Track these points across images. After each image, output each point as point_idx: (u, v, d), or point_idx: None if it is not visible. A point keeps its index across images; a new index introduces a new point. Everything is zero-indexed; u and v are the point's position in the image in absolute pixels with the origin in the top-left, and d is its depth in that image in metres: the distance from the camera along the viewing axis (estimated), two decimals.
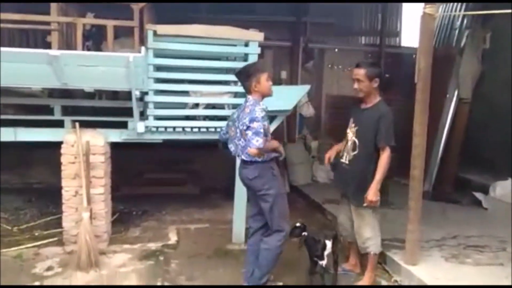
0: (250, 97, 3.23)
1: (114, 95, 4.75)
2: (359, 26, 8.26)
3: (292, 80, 7.44)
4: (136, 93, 3.66)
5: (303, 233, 3.37)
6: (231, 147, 3.36)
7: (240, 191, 4.10)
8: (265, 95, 3.24)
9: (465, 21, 6.77)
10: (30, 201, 5.71)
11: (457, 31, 6.82)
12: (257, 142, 2.98)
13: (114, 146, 4.38)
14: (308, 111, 7.47)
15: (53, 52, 3.33)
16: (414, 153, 3.58)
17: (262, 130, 3.01)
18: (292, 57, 7.59)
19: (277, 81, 7.21)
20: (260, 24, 4.48)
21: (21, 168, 6.57)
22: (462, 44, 6.53)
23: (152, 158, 6.61)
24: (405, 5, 8.31)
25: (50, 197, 5.35)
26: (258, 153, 3.03)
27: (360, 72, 3.36)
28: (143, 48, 3.48)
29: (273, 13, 7.33)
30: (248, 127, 3.04)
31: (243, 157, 3.18)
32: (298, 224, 3.41)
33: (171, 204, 5.79)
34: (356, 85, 3.40)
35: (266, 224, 3.32)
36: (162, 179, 6.59)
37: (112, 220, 4.69)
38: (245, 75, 3.22)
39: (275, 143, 3.28)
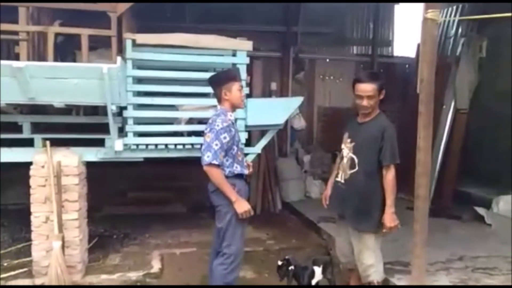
0: (219, 106, 3.03)
1: (93, 110, 4.40)
2: (350, 36, 8.03)
3: (282, 92, 7.19)
4: (112, 108, 3.32)
5: (290, 268, 3.05)
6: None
7: None
8: (235, 106, 3.05)
9: (460, 29, 6.59)
10: (3, 226, 5.28)
11: (452, 40, 6.62)
12: (208, 157, 2.80)
13: (95, 163, 4.01)
14: (300, 123, 7.21)
15: (17, 63, 2.98)
16: (419, 170, 3.25)
17: (216, 145, 2.81)
18: (282, 68, 7.34)
19: (267, 93, 6.98)
20: (249, 34, 4.22)
21: None
22: (458, 53, 6.35)
23: (136, 175, 6.23)
24: (397, 14, 8.13)
25: (25, 220, 4.89)
26: (208, 172, 2.83)
27: (370, 88, 3.01)
28: (119, 58, 3.15)
29: (262, 23, 7.07)
30: (205, 140, 2.88)
31: None
32: (280, 263, 3.14)
33: (156, 225, 5.43)
34: (365, 103, 3.03)
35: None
36: (147, 197, 6.22)
37: (90, 246, 4.32)
38: (216, 82, 3.02)
39: (233, 193, 2.88)
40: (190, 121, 3.89)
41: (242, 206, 2.89)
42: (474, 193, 6.25)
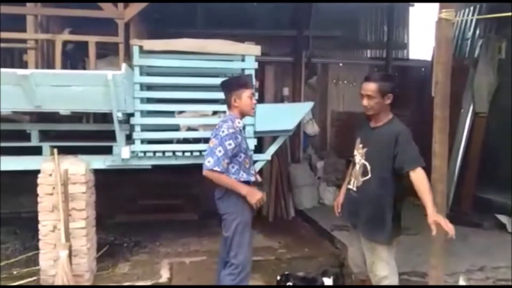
0: (228, 112, 3.00)
1: (104, 117, 4.38)
2: (364, 39, 7.88)
3: (294, 97, 7.06)
4: (118, 115, 3.27)
5: (288, 284, 2.96)
6: None
7: None
8: (244, 113, 3.00)
9: (477, 30, 6.38)
10: (15, 233, 5.30)
11: (469, 41, 6.42)
12: (209, 163, 2.76)
13: (107, 171, 3.99)
14: (313, 129, 7.08)
15: (21, 71, 2.96)
16: (434, 177, 3.11)
17: (220, 151, 2.77)
18: (294, 73, 7.22)
19: (279, 99, 6.89)
20: (260, 39, 4.16)
21: (9, 195, 6.17)
22: (476, 54, 6.15)
23: (148, 183, 6.21)
24: (412, 16, 7.96)
25: (37, 227, 4.94)
26: (210, 177, 2.78)
27: (370, 87, 2.88)
28: (123, 65, 3.10)
29: (273, 27, 7.00)
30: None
31: None
32: (278, 277, 3.03)
33: (167, 233, 5.37)
34: (365, 102, 2.91)
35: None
36: (159, 205, 6.18)
37: (99, 254, 4.30)
38: (227, 88, 2.97)
39: (241, 186, 2.87)
40: (190, 128, 3.81)
41: (254, 196, 2.87)
42: (494, 200, 5.98)
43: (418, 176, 2.74)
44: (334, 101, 7.60)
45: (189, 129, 3.83)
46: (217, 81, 3.88)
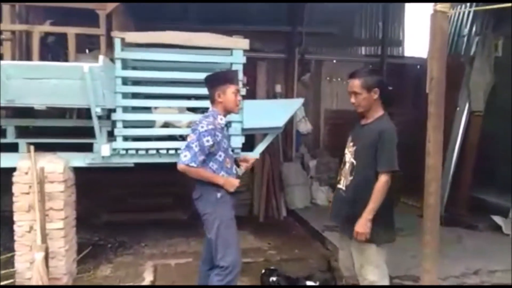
0: (211, 107, 2.88)
1: (88, 113, 4.21)
2: (358, 36, 7.74)
3: (287, 94, 6.92)
4: (97, 110, 3.10)
5: (271, 279, 2.96)
6: None
7: None
8: (228, 109, 2.87)
9: (474, 27, 6.24)
10: None
11: (465, 38, 6.28)
12: (185, 157, 2.66)
13: (92, 168, 3.82)
14: (306, 127, 6.97)
15: None
16: (428, 177, 2.96)
17: (196, 146, 2.66)
18: (287, 70, 7.08)
19: (271, 96, 6.73)
20: (252, 35, 4.01)
21: None
22: (472, 52, 6.00)
23: (136, 181, 6.02)
24: (407, 12, 7.81)
25: None
26: (186, 171, 2.69)
27: (355, 84, 2.81)
28: (101, 57, 2.93)
29: (266, 23, 6.82)
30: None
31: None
32: (263, 271, 3.09)
33: (153, 233, 5.22)
34: (353, 99, 2.86)
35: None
36: (146, 204, 6.01)
37: (81, 256, 4.13)
38: (211, 82, 2.85)
39: (216, 177, 2.79)
40: (165, 125, 3.65)
41: (232, 184, 2.81)
42: (490, 201, 5.87)
43: (380, 180, 2.70)
44: (328, 99, 7.48)
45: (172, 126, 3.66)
46: (202, 76, 3.76)
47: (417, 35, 7.93)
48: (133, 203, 6.04)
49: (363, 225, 2.69)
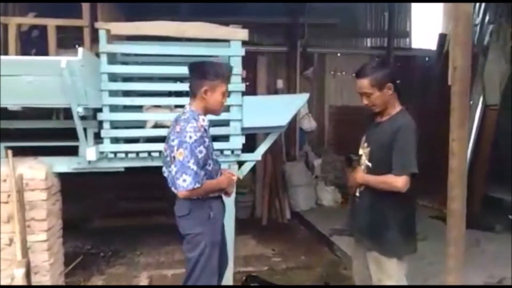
0: (187, 106, 2.44)
1: None
2: (364, 27, 7.39)
3: (289, 90, 6.62)
4: (78, 110, 2.77)
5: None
6: (165, 172, 2.53)
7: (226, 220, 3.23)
8: (209, 111, 2.46)
9: (487, 15, 5.89)
10: None
11: (478, 28, 5.92)
12: (184, 182, 2.22)
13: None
14: (310, 124, 6.65)
15: None
16: (452, 180, 2.64)
17: (192, 163, 2.23)
18: (289, 64, 6.78)
19: (272, 91, 6.43)
20: (251, 27, 3.67)
21: None
22: (486, 42, 5.66)
23: (131, 184, 5.71)
24: (414, 3, 7.44)
25: None
26: (191, 197, 2.31)
27: (364, 84, 2.44)
28: (80, 50, 2.59)
29: (266, 14, 6.49)
30: (174, 157, 2.28)
31: (173, 190, 2.39)
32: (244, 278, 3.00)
33: (150, 239, 4.91)
34: (365, 101, 2.49)
35: None
36: (142, 208, 5.71)
37: (71, 267, 3.87)
38: (199, 73, 2.38)
39: (221, 181, 2.48)
40: (157, 125, 3.32)
41: (232, 183, 2.58)
42: (505, 199, 5.58)
43: (394, 181, 2.35)
44: (332, 94, 7.19)
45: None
46: None
47: (425, 25, 7.54)
48: (128, 207, 5.77)
49: (356, 179, 2.53)
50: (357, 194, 2.62)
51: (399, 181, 2.35)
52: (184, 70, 3.37)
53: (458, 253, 2.72)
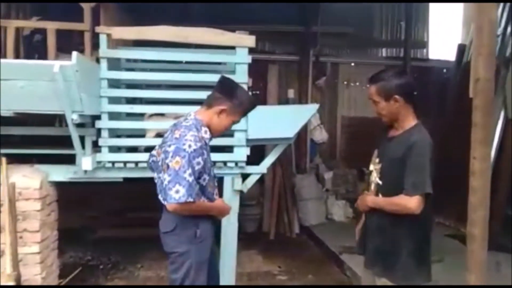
0: (192, 113, 2.27)
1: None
2: (379, 36, 7.17)
3: (301, 100, 6.44)
4: (73, 117, 2.63)
5: None
6: (155, 179, 2.36)
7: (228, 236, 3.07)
8: (212, 129, 2.28)
9: (509, 26, 5.65)
10: None
11: (499, 39, 5.68)
12: (177, 193, 2.03)
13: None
14: (321, 136, 6.47)
15: None
16: (474, 201, 2.43)
17: (188, 174, 2.05)
18: (300, 73, 6.60)
19: (283, 101, 6.28)
20: (262, 35, 3.53)
21: None
22: (508, 53, 5.41)
23: (136, 193, 5.50)
24: (432, 11, 7.21)
25: None
26: (182, 211, 2.12)
27: (371, 90, 2.29)
28: (74, 54, 2.46)
29: (278, 23, 6.36)
30: (168, 165, 2.08)
31: (162, 201, 2.23)
32: None
33: (152, 251, 4.70)
34: (376, 109, 2.33)
35: None
36: (146, 218, 5.51)
37: (68, 279, 3.72)
38: (227, 91, 2.24)
39: (215, 206, 2.34)
40: (159, 134, 3.16)
41: (227, 212, 2.45)
42: None
43: (407, 201, 2.13)
44: (345, 105, 6.97)
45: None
46: (201, 78, 3.27)
47: (443, 35, 7.28)
48: (131, 217, 5.60)
49: (365, 202, 2.34)
50: (369, 214, 2.42)
51: (411, 202, 2.13)
52: (190, 78, 3.25)
53: (479, 282, 2.49)
